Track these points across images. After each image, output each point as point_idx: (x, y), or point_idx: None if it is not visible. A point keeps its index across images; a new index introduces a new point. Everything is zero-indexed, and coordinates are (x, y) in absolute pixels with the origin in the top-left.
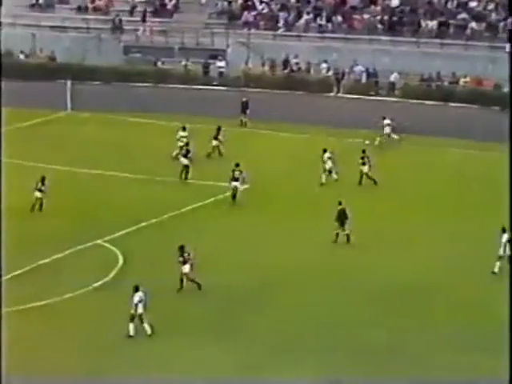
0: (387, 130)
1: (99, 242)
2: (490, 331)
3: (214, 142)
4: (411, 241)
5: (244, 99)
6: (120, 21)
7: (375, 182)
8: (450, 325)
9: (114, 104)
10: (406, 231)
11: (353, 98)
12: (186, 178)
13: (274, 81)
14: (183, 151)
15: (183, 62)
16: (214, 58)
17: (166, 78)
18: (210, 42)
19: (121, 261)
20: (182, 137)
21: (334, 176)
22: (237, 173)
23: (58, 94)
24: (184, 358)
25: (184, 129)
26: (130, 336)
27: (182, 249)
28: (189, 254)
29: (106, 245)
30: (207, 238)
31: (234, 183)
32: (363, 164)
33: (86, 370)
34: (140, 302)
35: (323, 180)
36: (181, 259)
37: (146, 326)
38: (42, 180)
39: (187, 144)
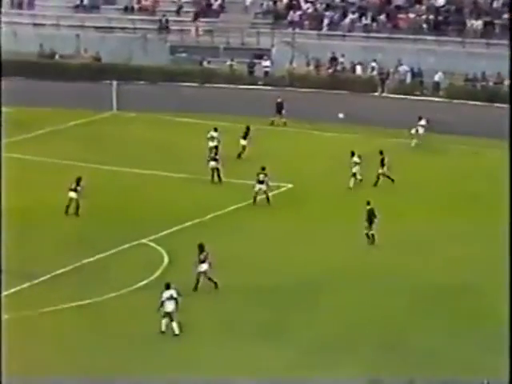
0: (420, 130)
1: (144, 241)
2: None
3: (243, 142)
4: (443, 241)
5: (279, 100)
6: (166, 21)
7: (392, 180)
8: (482, 327)
9: (160, 104)
10: (437, 232)
11: (397, 98)
12: (219, 181)
13: (318, 80)
14: (211, 154)
15: (228, 62)
16: (260, 57)
17: (211, 77)
18: (255, 42)
19: (166, 260)
20: (213, 137)
21: (359, 177)
22: (261, 176)
23: (103, 95)
24: (226, 358)
25: (216, 129)
26: (162, 332)
27: (201, 247)
28: (207, 254)
29: (151, 244)
30: (248, 237)
31: (259, 186)
32: (382, 166)
33: (125, 368)
34: (169, 299)
35: (351, 184)
36: (201, 257)
37: (174, 325)
38: (77, 181)
39: (216, 147)
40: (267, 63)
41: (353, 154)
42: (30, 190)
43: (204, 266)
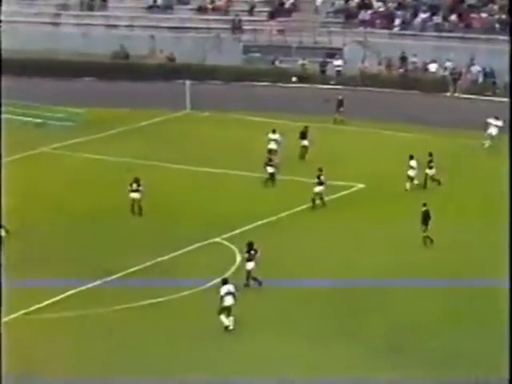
0: (494, 131)
1: (217, 239)
2: None
3: (304, 142)
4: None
5: (340, 97)
6: (239, 20)
7: (439, 183)
8: None
9: (232, 103)
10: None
11: (469, 98)
12: (272, 185)
13: (389, 80)
14: (266, 160)
15: (300, 61)
16: (331, 56)
17: (283, 77)
18: (327, 41)
19: (238, 258)
20: (272, 139)
21: (415, 182)
22: (322, 178)
23: (177, 94)
24: (290, 357)
25: (274, 131)
26: (226, 327)
27: (250, 245)
28: (256, 252)
29: (225, 242)
30: (318, 237)
31: (319, 188)
32: (430, 168)
33: (195, 367)
34: (228, 294)
35: (407, 187)
36: (246, 255)
37: (230, 320)
38: (137, 181)
39: (270, 151)
40: (339, 62)
41: (411, 158)
42: (104, 189)
43: (250, 265)
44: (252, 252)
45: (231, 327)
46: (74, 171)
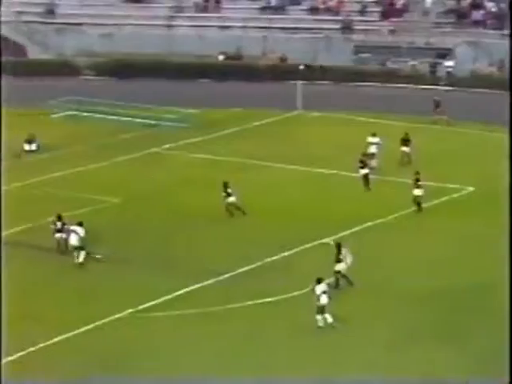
0: None
1: (327, 240)
2: None
3: (405, 149)
4: None
5: (436, 98)
6: (351, 21)
7: None
8: None
9: (343, 103)
10: None
11: None
12: (367, 189)
13: (501, 81)
14: (359, 163)
15: (411, 62)
16: (442, 57)
17: (393, 77)
18: (438, 42)
19: (348, 260)
20: (371, 143)
21: None
22: (419, 182)
23: (289, 95)
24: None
25: (374, 135)
26: (319, 327)
27: (339, 247)
28: (345, 253)
29: (333, 244)
30: (427, 239)
31: (418, 191)
32: None
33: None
34: (324, 293)
35: None
36: (339, 257)
37: (327, 316)
38: (225, 185)
39: (370, 155)
40: (450, 63)
41: None
42: (215, 189)
43: (341, 266)
44: (342, 253)
45: (333, 324)
46: (184, 171)
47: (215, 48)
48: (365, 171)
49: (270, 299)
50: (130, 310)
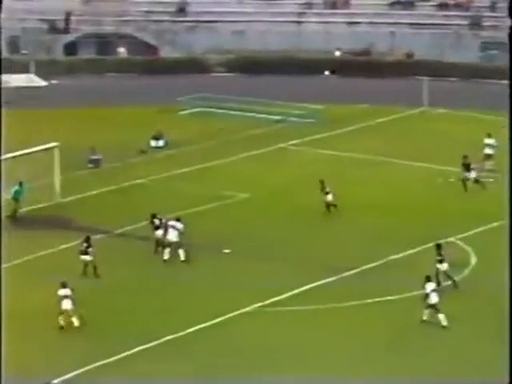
0: None
1: (452, 239)
2: None
3: None
4: None
5: None
6: (480, 17)
7: None
8: None
9: (469, 101)
10: None
11: None
12: (465, 190)
13: None
14: (463, 167)
15: None
16: None
17: None
18: None
19: (473, 260)
20: (487, 144)
21: None
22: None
23: (415, 91)
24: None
25: (490, 135)
26: (423, 320)
27: (438, 247)
28: (445, 254)
29: (459, 243)
30: None
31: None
32: None
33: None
34: (433, 291)
35: None
36: (438, 258)
37: (441, 316)
38: (322, 183)
39: (487, 156)
40: None
41: None
42: (339, 185)
43: (444, 266)
44: (442, 253)
45: (443, 323)
46: (310, 167)
47: (343, 44)
48: (471, 174)
49: (391, 297)
50: (259, 304)
